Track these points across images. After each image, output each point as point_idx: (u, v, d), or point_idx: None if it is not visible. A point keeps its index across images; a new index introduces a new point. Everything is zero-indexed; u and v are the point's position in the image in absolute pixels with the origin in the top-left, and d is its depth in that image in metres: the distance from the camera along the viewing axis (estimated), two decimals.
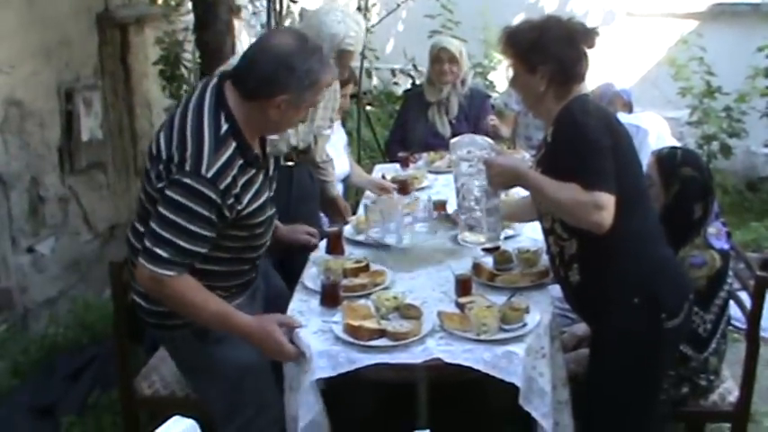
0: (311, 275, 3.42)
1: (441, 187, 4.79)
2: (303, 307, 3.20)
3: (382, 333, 2.88)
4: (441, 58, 5.58)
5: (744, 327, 3.35)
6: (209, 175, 2.71)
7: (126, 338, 3.36)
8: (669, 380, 3.23)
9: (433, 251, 3.73)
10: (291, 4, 7.92)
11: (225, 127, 2.79)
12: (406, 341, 2.85)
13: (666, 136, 4.05)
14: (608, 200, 2.75)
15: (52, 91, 5.09)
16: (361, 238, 3.85)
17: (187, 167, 2.71)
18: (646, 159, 3.74)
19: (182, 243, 2.74)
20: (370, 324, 2.90)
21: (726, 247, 3.22)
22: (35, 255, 4.94)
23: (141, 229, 2.90)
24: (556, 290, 4.16)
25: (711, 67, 7.17)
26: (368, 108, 8.05)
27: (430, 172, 5.03)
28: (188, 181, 2.70)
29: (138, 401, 3.45)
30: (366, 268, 3.43)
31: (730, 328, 4.73)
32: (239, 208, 2.83)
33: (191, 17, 5.66)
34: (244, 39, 9.00)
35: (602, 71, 5.87)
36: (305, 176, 4.29)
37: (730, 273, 3.25)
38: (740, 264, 3.62)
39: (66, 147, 5.21)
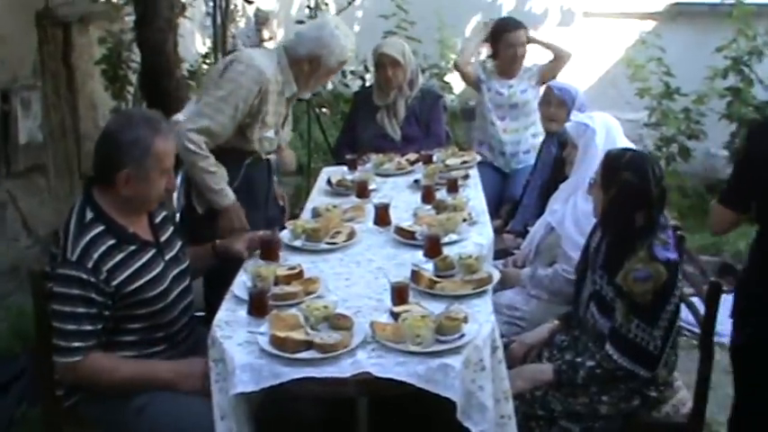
0: (240, 284, 3.23)
1: (388, 190, 4.61)
2: (230, 317, 3.02)
3: (309, 345, 2.71)
4: (383, 63, 5.35)
5: (698, 331, 3.25)
6: (74, 258, 2.93)
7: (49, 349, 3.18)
8: (618, 393, 3.12)
9: (372, 256, 3.58)
10: (247, 5, 7.79)
11: (90, 216, 3.02)
12: (335, 353, 2.68)
13: (618, 137, 3.90)
14: (716, 211, 3.36)
15: None
16: (298, 243, 3.68)
17: (59, 260, 2.97)
18: (593, 160, 3.63)
19: (76, 327, 2.93)
20: (297, 335, 2.73)
21: (672, 256, 3.04)
22: None
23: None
24: (504, 297, 4.03)
25: (670, 68, 7.09)
26: (322, 110, 7.92)
27: (377, 174, 4.85)
28: (60, 271, 2.96)
29: (63, 415, 3.26)
30: (299, 275, 3.25)
31: (687, 333, 4.66)
32: (115, 283, 2.99)
33: None
34: (197, 40, 8.85)
35: (561, 72, 5.81)
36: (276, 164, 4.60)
37: (680, 277, 3.10)
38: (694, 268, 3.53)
39: (2, 149, 5.03)
